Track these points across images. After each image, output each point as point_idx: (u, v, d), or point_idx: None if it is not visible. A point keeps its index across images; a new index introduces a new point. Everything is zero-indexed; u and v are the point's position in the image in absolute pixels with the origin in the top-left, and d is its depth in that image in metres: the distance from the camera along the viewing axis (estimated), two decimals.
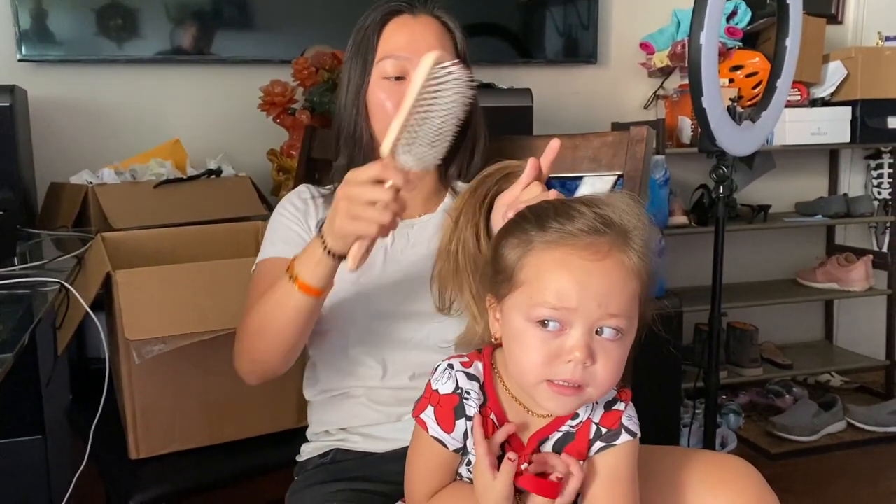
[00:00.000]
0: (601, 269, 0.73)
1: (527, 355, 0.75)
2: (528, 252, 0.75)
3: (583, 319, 0.73)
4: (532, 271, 0.75)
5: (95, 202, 1.73)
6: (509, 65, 2.59)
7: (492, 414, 0.81)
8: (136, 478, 1.31)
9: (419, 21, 1.09)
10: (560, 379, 0.74)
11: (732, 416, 2.63)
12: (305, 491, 1.05)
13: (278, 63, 2.26)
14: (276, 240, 1.12)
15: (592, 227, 0.74)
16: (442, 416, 0.80)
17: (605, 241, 0.74)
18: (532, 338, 0.75)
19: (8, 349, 0.86)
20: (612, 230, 0.75)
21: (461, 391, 0.81)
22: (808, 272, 2.91)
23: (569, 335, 0.74)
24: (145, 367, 1.29)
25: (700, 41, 1.76)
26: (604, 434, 0.82)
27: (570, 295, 0.72)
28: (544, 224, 0.75)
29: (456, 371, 0.82)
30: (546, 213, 0.77)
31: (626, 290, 0.74)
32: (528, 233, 0.76)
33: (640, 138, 1.20)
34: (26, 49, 2.16)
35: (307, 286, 0.92)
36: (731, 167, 1.97)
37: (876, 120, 2.68)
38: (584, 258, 0.73)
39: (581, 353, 0.73)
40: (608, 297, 0.73)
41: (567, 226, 0.74)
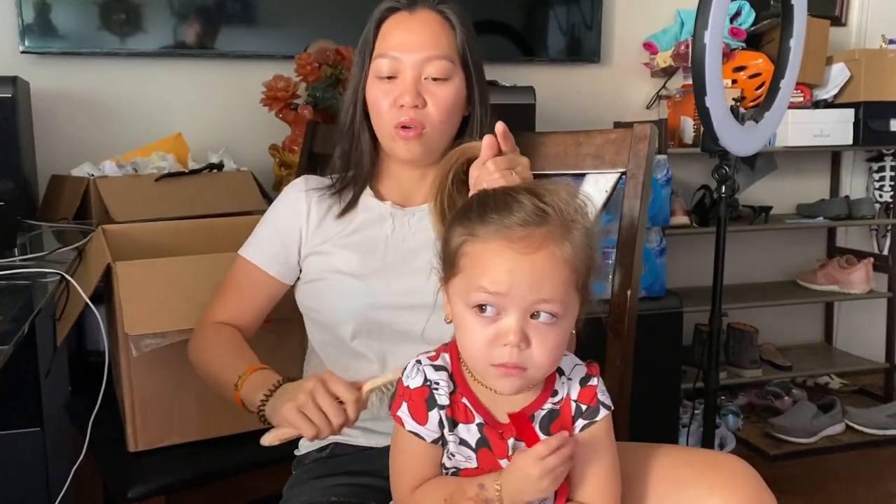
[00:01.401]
0: (531, 260, 0.76)
1: (470, 340, 0.80)
2: (468, 241, 0.79)
3: (515, 304, 0.76)
4: (469, 260, 0.79)
5: (96, 195, 1.73)
6: (512, 63, 2.59)
7: (463, 398, 0.84)
8: (134, 470, 1.31)
9: (416, 17, 1.08)
10: (498, 362, 0.78)
11: (731, 417, 2.63)
12: (303, 485, 1.05)
13: (281, 58, 2.26)
14: (262, 241, 1.16)
15: (528, 219, 0.77)
16: (415, 410, 0.83)
17: (540, 234, 0.77)
18: (472, 323, 0.79)
19: (7, 340, 0.86)
20: (549, 223, 0.78)
21: (430, 383, 0.84)
22: (809, 274, 2.91)
23: (503, 320, 0.77)
24: (144, 359, 1.29)
25: (704, 41, 1.76)
26: (584, 411, 0.85)
27: (501, 281, 0.76)
28: (484, 216, 0.79)
29: (424, 365, 0.85)
30: (488, 204, 0.80)
31: (556, 276, 0.77)
32: (471, 221, 0.80)
33: (644, 136, 1.20)
34: (29, 41, 2.16)
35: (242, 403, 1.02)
36: (733, 168, 1.97)
37: (878, 122, 2.68)
38: (517, 250, 0.76)
39: (515, 336, 0.76)
40: (539, 283, 0.76)
41: (505, 219, 0.77)
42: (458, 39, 1.09)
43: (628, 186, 1.21)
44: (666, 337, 2.29)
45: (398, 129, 1.07)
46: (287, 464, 1.16)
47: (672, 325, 2.31)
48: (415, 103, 1.05)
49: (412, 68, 1.06)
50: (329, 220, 1.13)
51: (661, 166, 2.31)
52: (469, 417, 0.84)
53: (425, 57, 1.05)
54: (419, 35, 1.06)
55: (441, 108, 1.07)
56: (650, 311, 2.23)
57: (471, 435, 0.84)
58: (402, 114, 1.06)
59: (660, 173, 2.30)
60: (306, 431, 0.89)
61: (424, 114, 1.06)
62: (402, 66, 1.06)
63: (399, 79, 1.06)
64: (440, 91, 1.07)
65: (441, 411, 0.83)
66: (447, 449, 0.85)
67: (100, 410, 1.31)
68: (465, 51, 1.09)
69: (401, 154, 1.09)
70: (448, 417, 0.83)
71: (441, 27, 1.08)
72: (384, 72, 1.07)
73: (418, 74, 1.06)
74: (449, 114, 1.08)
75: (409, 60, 1.06)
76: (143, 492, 1.28)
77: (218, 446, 1.38)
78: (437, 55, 1.06)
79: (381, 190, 1.16)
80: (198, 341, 1.14)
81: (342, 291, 1.07)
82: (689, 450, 1.02)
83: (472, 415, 0.84)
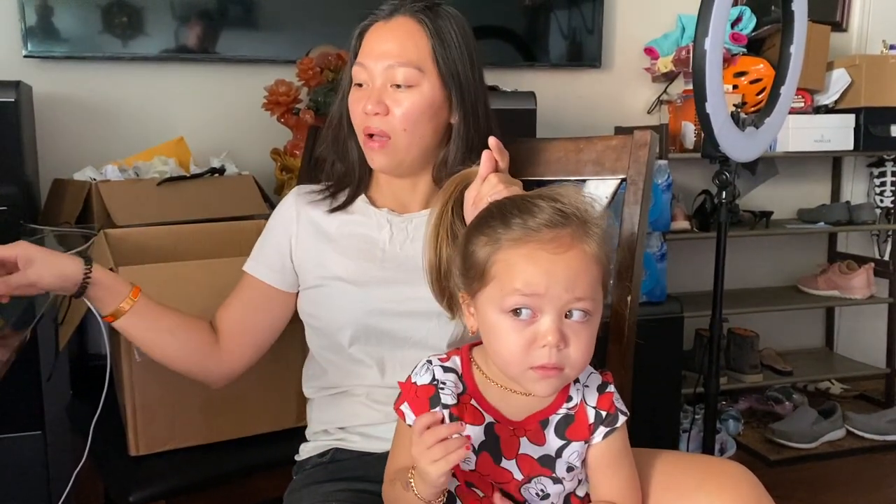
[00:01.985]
0: (565, 260, 0.78)
1: (505, 346, 0.80)
2: (497, 250, 0.80)
3: (552, 305, 0.78)
4: (502, 266, 0.79)
5: (98, 199, 1.73)
6: (513, 68, 2.59)
7: (472, 400, 0.85)
8: (135, 474, 1.32)
9: (390, 25, 1.08)
10: (538, 364, 0.79)
11: (732, 422, 2.63)
12: (304, 490, 1.05)
13: (283, 63, 2.27)
14: (259, 254, 1.17)
15: (553, 220, 0.79)
16: (417, 405, 0.85)
17: (567, 234, 0.79)
18: (507, 328, 0.79)
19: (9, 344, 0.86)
20: (571, 222, 0.80)
21: (437, 382, 0.85)
22: (810, 279, 2.91)
23: (541, 322, 0.78)
24: (146, 363, 1.29)
25: (705, 47, 1.76)
26: (605, 418, 0.86)
27: (538, 282, 0.77)
28: (508, 221, 0.80)
29: (434, 365, 0.87)
30: (509, 211, 0.82)
31: (589, 275, 0.80)
32: (496, 230, 0.81)
33: (644, 142, 1.20)
34: (32, 45, 2.16)
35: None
36: (734, 173, 1.97)
37: (879, 128, 2.68)
38: (550, 251, 0.78)
39: (553, 336, 0.78)
40: (574, 283, 0.78)
41: (529, 221, 0.79)
42: (434, 45, 1.07)
43: (629, 192, 1.21)
44: (666, 342, 2.29)
45: (366, 139, 1.08)
46: (288, 469, 1.16)
47: (673, 330, 2.31)
48: (376, 110, 1.05)
49: (379, 76, 1.07)
50: (322, 219, 1.14)
51: (661, 171, 2.31)
52: (477, 419, 0.85)
53: (388, 65, 1.06)
54: (387, 43, 1.07)
55: (405, 115, 1.06)
56: (651, 316, 2.23)
57: (476, 437, 0.85)
58: (367, 121, 1.07)
59: (661, 178, 2.31)
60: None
61: (388, 121, 1.06)
62: (370, 73, 1.07)
63: (370, 87, 1.08)
64: (404, 98, 1.06)
65: (445, 410, 0.84)
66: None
67: (101, 414, 1.31)
68: (438, 58, 1.07)
69: (371, 164, 1.11)
70: (455, 417, 0.84)
71: (413, 34, 1.07)
72: (356, 79, 1.09)
73: (385, 82, 1.06)
74: (415, 121, 1.07)
75: (376, 68, 1.06)
76: (145, 496, 1.28)
77: (219, 451, 1.38)
78: (400, 62, 1.05)
79: (375, 198, 1.16)
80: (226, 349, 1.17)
81: (340, 298, 1.07)
82: (689, 456, 1.02)
83: (482, 416, 0.85)
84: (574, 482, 0.88)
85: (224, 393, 1.38)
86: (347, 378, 1.09)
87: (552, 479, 0.86)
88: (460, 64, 1.09)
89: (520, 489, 0.87)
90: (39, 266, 0.99)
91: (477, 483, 0.87)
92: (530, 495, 0.87)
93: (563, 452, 0.85)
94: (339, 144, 1.15)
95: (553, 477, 0.86)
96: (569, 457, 0.85)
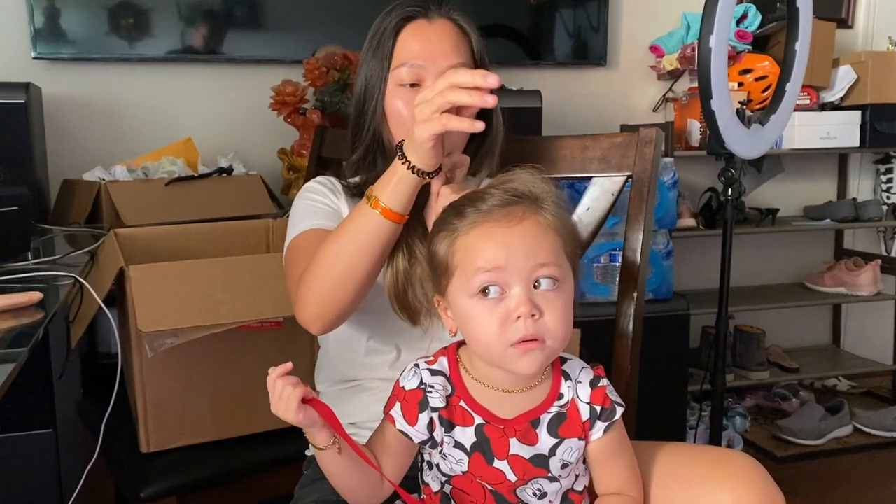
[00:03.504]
0: (520, 230, 0.80)
1: (481, 328, 0.80)
2: (455, 239, 0.82)
3: (517, 276, 0.79)
4: (461, 252, 0.81)
5: (108, 199, 1.74)
6: (519, 66, 2.60)
7: (461, 401, 0.85)
8: (146, 471, 1.33)
9: (434, 26, 1.08)
10: (517, 339, 0.79)
11: (739, 419, 2.63)
12: (314, 485, 1.05)
13: (289, 63, 2.28)
14: (308, 215, 1.09)
15: (504, 200, 0.82)
16: (407, 411, 0.85)
17: (519, 209, 0.81)
18: (480, 311, 0.80)
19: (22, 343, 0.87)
20: (523, 199, 0.82)
21: (424, 386, 0.85)
22: (816, 276, 2.91)
23: (510, 296, 0.79)
24: (156, 361, 1.31)
25: (710, 44, 1.77)
26: (600, 413, 0.86)
27: (498, 256, 0.79)
28: (462, 212, 0.83)
29: (421, 369, 0.87)
30: (462, 204, 0.84)
31: (547, 241, 0.81)
32: (451, 223, 0.83)
33: (650, 139, 1.21)
34: (40, 47, 2.18)
35: (388, 210, 0.94)
36: (740, 170, 1.97)
37: (885, 124, 2.68)
38: (504, 226, 0.80)
39: (526, 306, 0.78)
40: (533, 250, 0.79)
41: (481, 206, 0.82)
42: (475, 47, 1.10)
43: (634, 190, 1.22)
44: (673, 339, 2.29)
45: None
46: (298, 464, 1.17)
47: (679, 327, 2.31)
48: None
49: (436, 76, 1.04)
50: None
51: (667, 169, 2.31)
52: (467, 420, 0.85)
53: (448, 65, 1.05)
54: (441, 43, 1.07)
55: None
56: (657, 313, 2.23)
57: (466, 438, 0.85)
58: None
59: (666, 176, 2.31)
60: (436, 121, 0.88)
61: None
62: (425, 74, 1.06)
63: (422, 87, 1.06)
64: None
65: (433, 413, 0.85)
66: (441, 449, 0.86)
67: (112, 412, 1.32)
68: (482, 57, 1.11)
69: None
70: (444, 419, 0.85)
71: (458, 35, 1.09)
72: (406, 80, 1.06)
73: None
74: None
75: (434, 68, 1.05)
76: (156, 492, 1.29)
77: (230, 447, 1.39)
78: (459, 62, 1.06)
79: None
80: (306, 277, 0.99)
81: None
82: (697, 447, 1.02)
83: (471, 417, 0.85)
84: (571, 478, 0.88)
85: (234, 390, 1.39)
86: (363, 371, 1.10)
87: (548, 479, 0.86)
88: (487, 63, 1.11)
89: (515, 491, 0.86)
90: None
91: (468, 489, 0.87)
92: (527, 496, 0.86)
93: (558, 450, 0.85)
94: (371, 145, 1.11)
95: (549, 476, 0.85)
96: (563, 454, 0.85)
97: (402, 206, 0.94)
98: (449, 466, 0.87)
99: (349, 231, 0.96)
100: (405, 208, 0.95)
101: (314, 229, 1.06)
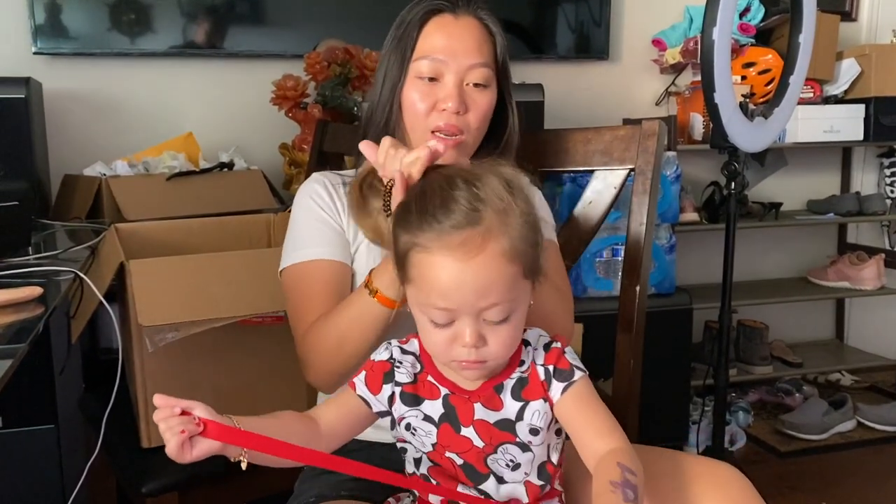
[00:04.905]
0: (475, 267, 0.78)
1: (429, 341, 0.84)
2: (413, 250, 0.80)
3: (466, 312, 0.79)
4: (416, 272, 0.81)
5: (109, 194, 1.74)
6: (521, 60, 2.59)
7: (429, 376, 0.88)
8: (147, 466, 1.33)
9: (460, 22, 1.07)
10: (460, 359, 0.81)
11: (742, 414, 2.63)
12: (314, 479, 1.06)
13: (290, 57, 2.28)
14: (311, 240, 1.09)
15: (466, 218, 0.78)
16: (371, 379, 0.88)
17: (478, 235, 0.78)
18: (430, 328, 0.82)
19: (22, 338, 0.87)
20: (485, 218, 0.78)
21: (394, 360, 0.89)
22: (820, 270, 2.90)
23: (458, 324, 0.80)
24: (157, 356, 1.31)
25: (713, 37, 1.76)
26: (555, 372, 0.86)
27: (449, 296, 0.78)
28: (423, 218, 0.80)
29: (392, 346, 0.91)
30: (426, 205, 0.81)
31: (504, 277, 0.79)
32: (412, 225, 0.81)
33: (652, 132, 1.20)
34: (41, 42, 2.17)
35: (388, 300, 0.95)
36: (743, 164, 1.96)
37: (889, 118, 2.67)
38: (458, 259, 0.77)
39: (471, 338, 0.80)
40: (486, 290, 0.78)
41: (444, 222, 0.78)
42: (499, 47, 1.09)
43: (637, 183, 1.22)
44: (676, 334, 2.29)
45: (435, 133, 1.05)
46: None
47: (682, 321, 2.31)
48: (457, 109, 1.04)
49: (456, 73, 1.05)
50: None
51: (670, 163, 2.31)
52: (434, 393, 0.87)
53: (470, 63, 1.05)
54: (465, 40, 1.06)
55: (480, 114, 1.07)
56: (660, 307, 2.23)
57: (435, 410, 0.87)
58: (443, 118, 1.05)
59: (669, 170, 2.30)
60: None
61: (464, 120, 1.06)
62: (445, 69, 1.05)
63: (441, 82, 1.05)
64: (481, 98, 1.06)
65: (397, 388, 0.87)
66: (410, 423, 0.88)
67: (113, 407, 1.32)
68: (503, 58, 1.10)
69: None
70: (410, 394, 0.87)
71: (483, 34, 1.08)
72: (425, 73, 1.06)
73: (461, 79, 1.05)
74: (486, 120, 1.08)
75: (455, 65, 1.05)
76: (157, 487, 1.30)
77: None
78: (480, 62, 1.05)
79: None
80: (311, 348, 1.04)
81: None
82: (681, 456, 1.00)
83: (438, 390, 0.87)
84: (543, 448, 0.87)
85: (235, 385, 1.39)
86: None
87: (519, 447, 0.86)
88: (507, 64, 1.11)
89: (485, 460, 0.87)
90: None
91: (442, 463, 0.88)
92: (499, 466, 0.87)
93: (524, 414, 0.86)
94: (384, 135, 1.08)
95: (519, 443, 0.86)
96: (531, 418, 0.85)
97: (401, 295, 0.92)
98: (420, 441, 0.88)
99: (350, 319, 0.98)
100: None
101: (316, 262, 1.07)
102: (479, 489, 0.88)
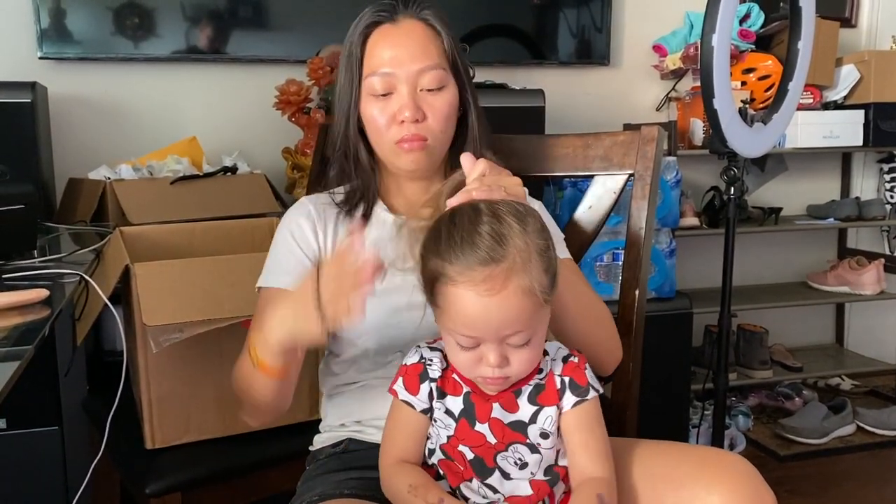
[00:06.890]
0: (498, 302, 0.82)
1: (455, 358, 0.89)
2: (439, 281, 0.84)
3: (490, 340, 0.84)
4: (443, 301, 0.84)
5: (113, 198, 1.75)
6: (522, 66, 2.61)
7: (454, 374, 0.92)
8: (151, 467, 1.34)
9: (401, 28, 1.05)
10: (485, 376, 0.87)
11: (741, 418, 2.64)
12: (317, 479, 1.06)
13: (293, 62, 2.29)
14: (277, 267, 1.10)
15: (490, 255, 0.81)
16: (409, 382, 0.93)
17: (501, 270, 0.81)
18: (456, 349, 0.87)
19: (28, 340, 0.88)
20: (507, 256, 0.81)
21: (424, 360, 0.93)
22: (819, 275, 2.91)
23: (482, 347, 0.85)
24: (161, 357, 1.32)
25: (712, 43, 1.77)
26: (571, 384, 0.91)
27: (474, 326, 0.83)
28: (450, 251, 0.83)
29: (422, 348, 0.95)
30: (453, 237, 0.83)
31: (525, 310, 0.83)
32: (440, 255, 0.83)
33: (651, 138, 1.21)
34: (46, 47, 2.19)
35: (272, 370, 0.96)
36: (743, 169, 1.97)
37: (889, 123, 2.68)
38: (482, 294, 0.81)
39: (495, 360, 0.85)
40: (509, 322, 0.83)
41: (469, 257, 0.81)
42: (446, 45, 1.07)
43: (636, 188, 1.23)
44: (676, 338, 2.30)
45: (400, 144, 1.05)
46: (301, 460, 1.18)
47: (682, 326, 2.32)
48: (415, 117, 1.03)
49: (407, 82, 1.04)
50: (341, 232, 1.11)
51: (670, 168, 2.32)
52: (457, 389, 0.92)
53: (419, 68, 1.04)
54: (408, 47, 1.04)
55: (440, 118, 1.05)
56: (660, 311, 2.24)
57: (456, 405, 0.91)
58: (404, 129, 1.04)
59: (669, 175, 2.31)
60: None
61: (425, 126, 1.05)
62: (395, 80, 1.04)
63: (395, 94, 1.05)
64: (437, 101, 1.05)
65: (432, 384, 0.92)
66: (433, 415, 0.92)
67: (117, 409, 1.33)
68: (453, 55, 1.07)
69: (405, 166, 1.07)
70: (438, 388, 0.92)
71: (427, 35, 1.06)
72: (378, 89, 1.04)
73: (413, 87, 1.04)
74: (448, 121, 1.07)
75: (403, 74, 1.04)
76: (161, 488, 1.30)
77: (234, 443, 1.40)
78: (429, 65, 1.04)
79: (390, 202, 1.14)
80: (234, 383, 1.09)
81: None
82: (688, 447, 1.02)
83: (461, 386, 0.92)
84: (552, 452, 0.91)
85: None
86: (367, 372, 1.10)
87: (529, 448, 0.90)
88: (461, 59, 1.09)
89: (496, 457, 0.90)
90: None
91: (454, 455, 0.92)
92: (508, 464, 0.90)
93: (538, 418, 0.90)
94: (347, 155, 1.11)
95: (528, 444, 0.90)
96: (543, 422, 0.90)
97: (282, 365, 0.95)
98: (437, 433, 0.92)
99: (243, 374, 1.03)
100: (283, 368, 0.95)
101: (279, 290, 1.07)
102: (486, 483, 0.91)
